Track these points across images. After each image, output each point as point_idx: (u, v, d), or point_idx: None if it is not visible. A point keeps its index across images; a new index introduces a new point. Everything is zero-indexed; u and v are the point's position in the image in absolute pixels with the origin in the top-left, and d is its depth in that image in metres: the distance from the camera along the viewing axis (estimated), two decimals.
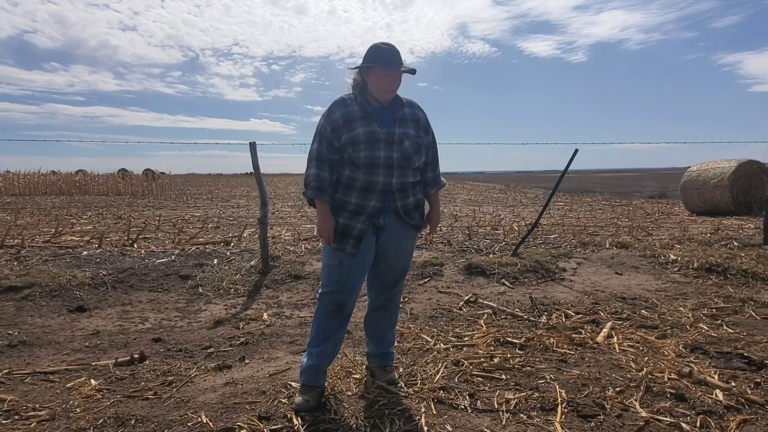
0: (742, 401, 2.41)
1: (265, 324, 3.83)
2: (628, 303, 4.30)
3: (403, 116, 2.54)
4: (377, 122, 2.47)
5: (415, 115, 2.58)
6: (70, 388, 2.64)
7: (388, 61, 2.46)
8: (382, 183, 2.44)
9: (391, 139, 2.46)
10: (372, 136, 2.44)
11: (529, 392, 2.52)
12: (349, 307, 2.54)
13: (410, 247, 2.66)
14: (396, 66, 2.47)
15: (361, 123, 2.46)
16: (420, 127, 2.57)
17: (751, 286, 4.81)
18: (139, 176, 29.11)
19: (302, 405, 2.36)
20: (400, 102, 2.57)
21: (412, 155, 2.50)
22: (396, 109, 2.55)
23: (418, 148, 2.52)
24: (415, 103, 2.64)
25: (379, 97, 2.51)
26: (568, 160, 6.02)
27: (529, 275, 5.18)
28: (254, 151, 5.47)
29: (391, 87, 2.50)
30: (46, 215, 12.10)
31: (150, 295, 4.62)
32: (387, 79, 2.47)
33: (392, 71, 2.46)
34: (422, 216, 2.64)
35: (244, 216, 12.00)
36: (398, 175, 2.46)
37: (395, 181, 2.46)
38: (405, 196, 2.51)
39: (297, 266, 5.40)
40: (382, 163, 2.43)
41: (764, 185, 10.48)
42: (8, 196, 20.79)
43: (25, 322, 3.83)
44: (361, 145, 2.42)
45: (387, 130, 2.47)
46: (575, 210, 13.73)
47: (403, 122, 2.52)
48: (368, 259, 2.52)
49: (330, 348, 2.53)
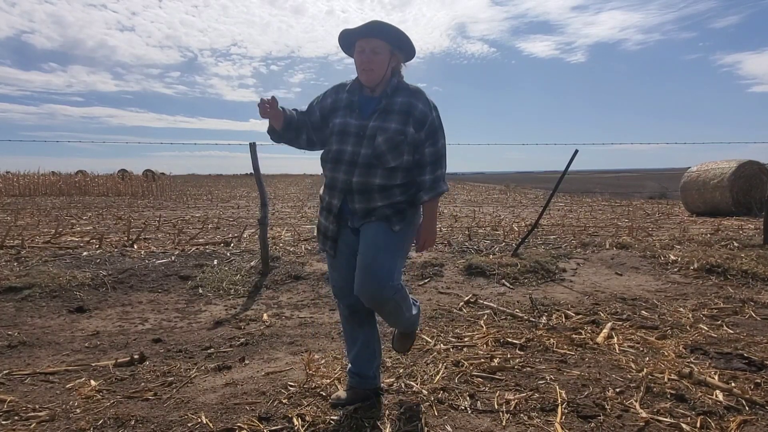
0: (742, 402, 2.40)
1: (265, 325, 3.83)
2: (628, 303, 4.30)
3: (388, 107, 2.19)
4: (356, 113, 2.21)
5: (408, 105, 2.19)
6: (69, 388, 2.64)
7: (360, 32, 2.14)
8: (341, 181, 2.20)
9: (363, 133, 2.18)
10: (343, 128, 2.22)
11: (529, 393, 2.52)
12: (359, 307, 2.32)
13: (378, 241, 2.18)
14: (368, 35, 2.12)
15: (341, 113, 2.25)
16: (410, 121, 2.17)
17: (751, 286, 4.81)
18: (139, 177, 29.12)
19: (334, 400, 2.39)
20: (394, 89, 2.21)
21: (384, 153, 2.15)
22: (384, 98, 2.21)
23: (395, 145, 2.15)
24: (417, 92, 2.23)
25: (362, 81, 2.21)
26: (568, 161, 6.02)
27: (529, 276, 5.18)
28: (254, 151, 5.47)
29: (365, 66, 2.16)
30: (46, 216, 12.10)
31: (150, 295, 4.61)
32: (360, 56, 2.16)
33: (365, 44, 2.13)
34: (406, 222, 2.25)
35: (244, 216, 12.00)
36: (361, 173, 2.16)
37: (355, 180, 2.17)
38: (368, 199, 2.18)
39: (297, 267, 5.40)
40: (345, 159, 2.19)
41: (764, 186, 10.48)
42: (8, 197, 20.79)
43: (25, 323, 3.83)
44: (333, 138, 2.25)
45: (360, 123, 2.19)
46: (575, 210, 13.73)
47: (385, 114, 2.18)
48: (351, 261, 2.26)
49: (364, 351, 2.39)
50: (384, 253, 2.16)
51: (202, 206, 16.10)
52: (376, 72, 2.17)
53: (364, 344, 2.40)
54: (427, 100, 2.24)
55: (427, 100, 2.24)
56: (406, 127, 2.17)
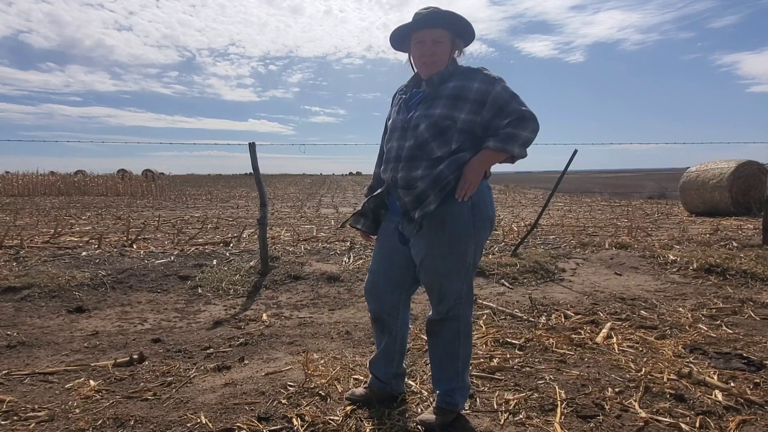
0: (741, 402, 2.41)
1: (264, 325, 3.83)
2: (627, 303, 4.30)
3: (436, 93, 2.00)
4: (404, 107, 2.09)
5: (461, 88, 1.97)
6: (69, 388, 2.64)
7: (418, 22, 1.99)
8: (390, 179, 2.09)
9: (407, 125, 2.03)
10: (393, 126, 2.11)
11: (529, 393, 2.52)
12: (383, 318, 2.27)
13: (437, 264, 2.03)
14: (429, 25, 1.96)
15: (394, 111, 2.15)
16: (462, 106, 1.95)
17: (750, 286, 4.82)
18: (138, 177, 29.11)
19: (349, 395, 2.42)
20: (444, 77, 2.02)
21: (428, 141, 1.95)
22: (429, 85, 2.04)
23: (440, 131, 1.94)
24: (473, 71, 2.02)
25: (422, 75, 2.08)
26: (567, 161, 6.03)
27: (528, 276, 5.18)
28: (254, 151, 5.47)
29: (426, 59, 2.01)
30: (45, 216, 12.09)
31: (149, 295, 4.61)
32: (420, 48, 2.01)
33: (425, 35, 1.98)
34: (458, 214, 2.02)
35: (243, 216, 12.00)
36: (405, 167, 2.00)
37: (400, 175, 2.02)
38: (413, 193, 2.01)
39: (296, 267, 5.39)
40: (392, 156, 2.07)
41: (763, 186, 10.49)
42: (7, 197, 20.76)
43: (24, 323, 3.82)
44: (386, 137, 2.18)
45: (406, 116, 2.05)
46: (574, 210, 13.74)
47: (431, 101, 2.00)
48: (390, 266, 2.20)
49: (381, 356, 2.35)
50: (448, 271, 2.05)
51: (202, 206, 16.09)
52: (438, 63, 2.02)
53: (384, 350, 2.37)
54: (486, 76, 2.00)
55: (486, 77, 1.99)
56: (455, 112, 1.95)
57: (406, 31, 2.07)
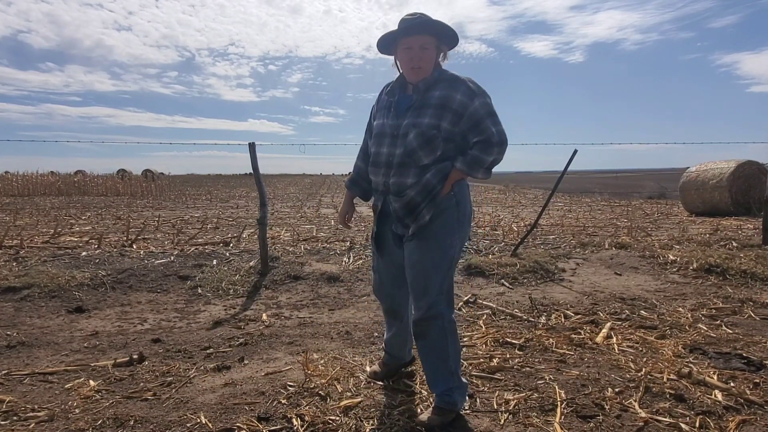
0: (741, 402, 2.41)
1: (264, 325, 3.83)
2: (627, 303, 4.30)
3: (424, 101, 2.10)
4: (393, 113, 2.18)
5: (446, 98, 2.07)
6: (68, 388, 2.64)
7: (407, 29, 2.07)
8: (381, 184, 2.23)
9: (397, 132, 2.13)
10: (380, 130, 2.21)
11: (529, 393, 2.52)
12: (394, 310, 2.53)
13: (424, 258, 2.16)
14: (416, 32, 2.05)
15: (381, 114, 2.24)
16: (445, 114, 2.06)
17: (750, 286, 4.82)
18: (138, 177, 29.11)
19: (371, 375, 2.66)
20: (429, 84, 2.12)
21: (416, 149, 2.07)
22: (416, 93, 2.14)
23: (427, 141, 2.06)
24: (457, 81, 2.11)
25: (408, 79, 2.15)
26: (567, 161, 6.03)
27: (528, 276, 5.18)
28: (254, 151, 5.47)
29: (414, 63, 2.09)
30: (45, 216, 12.08)
31: (149, 295, 4.61)
32: (408, 53, 2.09)
33: (413, 41, 2.05)
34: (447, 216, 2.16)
35: (243, 216, 11.99)
36: (397, 174, 2.14)
37: (392, 181, 2.16)
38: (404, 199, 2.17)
39: (296, 267, 5.39)
40: (383, 161, 2.19)
41: (763, 186, 10.49)
42: (7, 197, 20.75)
43: (24, 323, 3.82)
44: (372, 141, 2.27)
45: (395, 122, 2.15)
46: (574, 210, 13.74)
47: (419, 109, 2.10)
48: (390, 265, 2.38)
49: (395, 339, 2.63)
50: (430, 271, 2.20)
51: (201, 206, 16.08)
52: (424, 69, 2.11)
53: (395, 334, 2.62)
54: (468, 88, 2.09)
55: (468, 89, 2.08)
56: (441, 121, 2.07)
57: (393, 36, 2.16)
